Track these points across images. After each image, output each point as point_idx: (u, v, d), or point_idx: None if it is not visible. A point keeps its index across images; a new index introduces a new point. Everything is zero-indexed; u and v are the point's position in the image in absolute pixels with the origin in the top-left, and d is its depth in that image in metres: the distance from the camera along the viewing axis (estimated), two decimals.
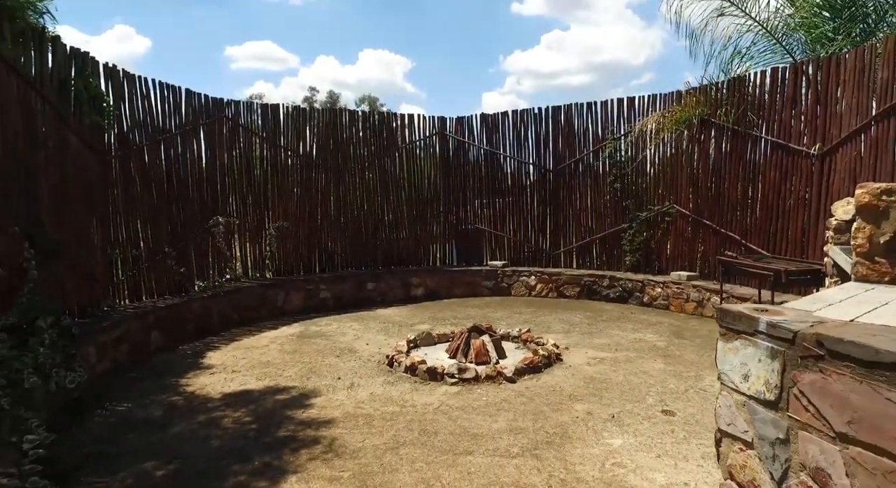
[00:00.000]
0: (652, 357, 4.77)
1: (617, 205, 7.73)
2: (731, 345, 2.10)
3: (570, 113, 8.01)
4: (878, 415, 1.55)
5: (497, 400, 3.80)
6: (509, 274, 8.32)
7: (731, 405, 2.13)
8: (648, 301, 7.09)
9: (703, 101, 6.67)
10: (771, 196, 6.07)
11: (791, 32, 7.44)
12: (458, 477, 2.72)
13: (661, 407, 3.60)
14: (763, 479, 1.97)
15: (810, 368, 1.77)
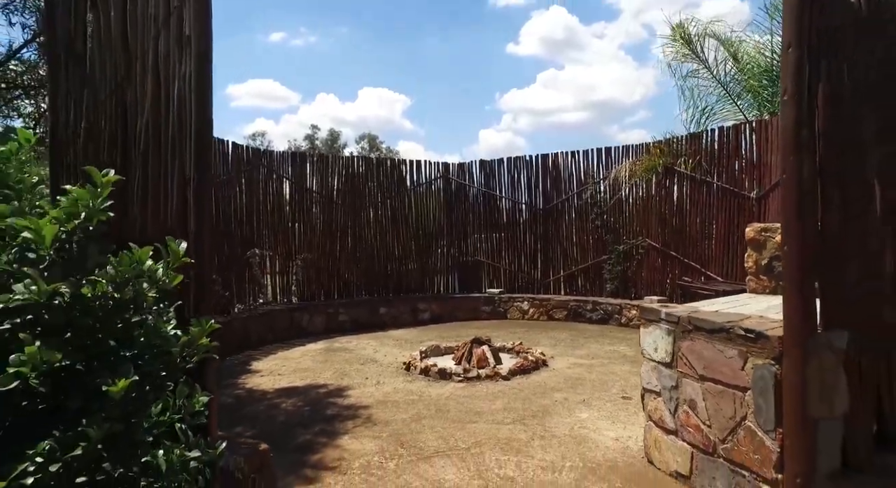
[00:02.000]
0: (621, 362, 5.83)
1: (598, 239, 8.89)
2: (647, 330, 3.21)
3: (556, 159, 9.28)
4: (715, 361, 2.65)
5: (495, 391, 4.84)
6: (505, 300, 9.39)
7: (648, 370, 3.22)
8: (626, 322, 8.15)
9: (666, 152, 7.92)
10: (723, 231, 7.25)
11: (744, 94, 8.81)
12: (466, 435, 3.76)
13: (621, 395, 4.65)
14: (666, 414, 3.05)
15: (686, 338, 2.88)
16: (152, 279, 1.71)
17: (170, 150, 2.46)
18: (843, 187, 2.44)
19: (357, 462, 3.35)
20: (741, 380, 2.52)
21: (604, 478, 3.06)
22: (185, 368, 1.78)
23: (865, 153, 2.53)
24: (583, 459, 3.32)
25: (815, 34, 2.35)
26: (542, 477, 3.09)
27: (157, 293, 1.74)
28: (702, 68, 8.74)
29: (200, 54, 2.30)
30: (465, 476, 3.13)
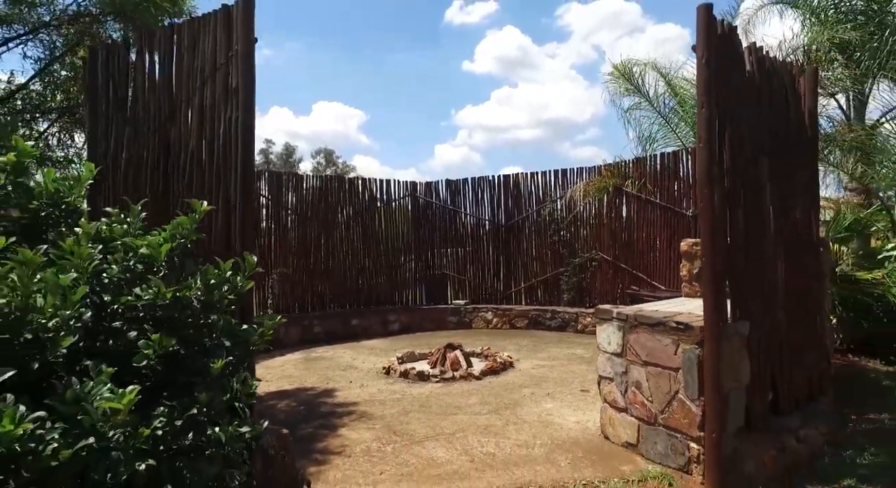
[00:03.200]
0: (578, 363, 6.54)
1: (556, 253, 9.68)
2: (602, 328, 3.89)
3: (517, 179, 10.06)
4: (655, 349, 3.35)
5: (469, 389, 5.43)
6: (470, 310, 10.02)
7: (603, 360, 3.90)
8: (582, 328, 8.93)
9: (616, 174, 8.82)
10: (665, 245, 8.16)
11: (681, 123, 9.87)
12: (449, 424, 4.32)
13: (580, 388, 5.33)
14: (618, 395, 3.72)
15: (633, 332, 3.57)
16: (231, 285, 2.23)
17: (214, 180, 2.96)
18: (745, 213, 3.21)
19: (358, 447, 3.86)
20: (674, 363, 3.22)
21: (568, 451, 3.70)
22: (252, 354, 2.30)
23: (762, 187, 3.32)
24: (550, 438, 3.95)
25: (722, 96, 3.12)
26: (518, 452, 3.70)
27: (234, 296, 2.25)
28: (643, 101, 9.75)
29: (247, 106, 2.84)
30: (453, 454, 3.69)
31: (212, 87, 3.02)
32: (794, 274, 3.66)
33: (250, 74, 2.85)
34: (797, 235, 3.76)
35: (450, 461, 3.58)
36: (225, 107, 2.94)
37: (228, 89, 2.94)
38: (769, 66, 3.75)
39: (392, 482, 3.27)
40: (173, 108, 3.16)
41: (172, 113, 3.16)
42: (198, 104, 3.06)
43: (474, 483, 3.23)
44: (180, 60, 3.16)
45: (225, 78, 2.96)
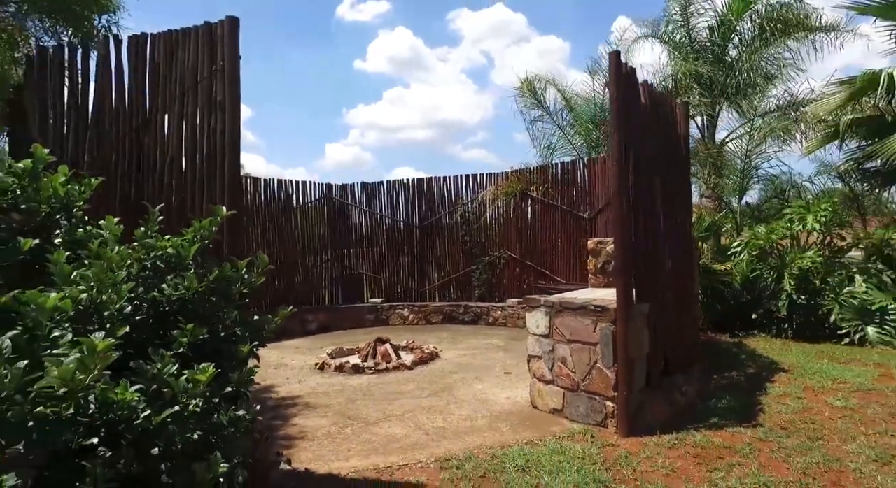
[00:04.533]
0: (496, 351, 7.28)
1: (467, 252, 10.42)
2: (531, 314, 4.58)
3: (431, 183, 10.66)
4: (577, 328, 4.09)
5: (405, 377, 5.90)
6: (387, 308, 10.44)
7: (533, 342, 4.59)
8: (493, 321, 9.75)
9: (522, 180, 9.75)
10: (566, 244, 9.22)
11: (577, 136, 11.13)
12: (396, 407, 4.77)
13: (503, 371, 6.03)
14: (546, 370, 4.43)
15: (559, 316, 4.29)
16: (244, 281, 2.52)
17: (197, 188, 3.17)
18: (644, 217, 4.06)
19: (319, 432, 4.17)
20: (593, 338, 3.98)
21: (506, 420, 4.33)
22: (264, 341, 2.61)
23: (653, 198, 4.20)
24: (489, 411, 4.57)
25: (627, 127, 3.93)
26: (465, 424, 4.26)
27: (247, 290, 2.54)
28: (545, 114, 10.87)
29: (233, 119, 3.09)
30: (408, 430, 4.16)
31: (193, 99, 3.21)
32: (677, 266, 4.63)
33: (236, 90, 3.10)
34: (679, 235, 4.75)
35: (407, 436, 4.04)
36: (209, 118, 3.15)
37: (212, 102, 3.15)
38: (656, 97, 4.69)
39: (362, 456, 3.67)
40: (148, 116, 3.28)
41: (147, 120, 3.29)
42: (178, 113, 3.22)
43: (434, 450, 3.73)
44: (155, 69, 3.29)
45: (209, 91, 3.17)
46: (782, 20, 10.44)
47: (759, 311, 7.60)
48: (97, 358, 1.45)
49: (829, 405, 4.40)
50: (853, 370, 5.45)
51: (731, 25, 10.86)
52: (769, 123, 10.07)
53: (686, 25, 11.34)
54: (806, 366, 5.66)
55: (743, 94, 10.83)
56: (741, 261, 7.93)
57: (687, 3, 11.21)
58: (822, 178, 10.22)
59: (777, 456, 3.42)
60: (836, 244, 7.89)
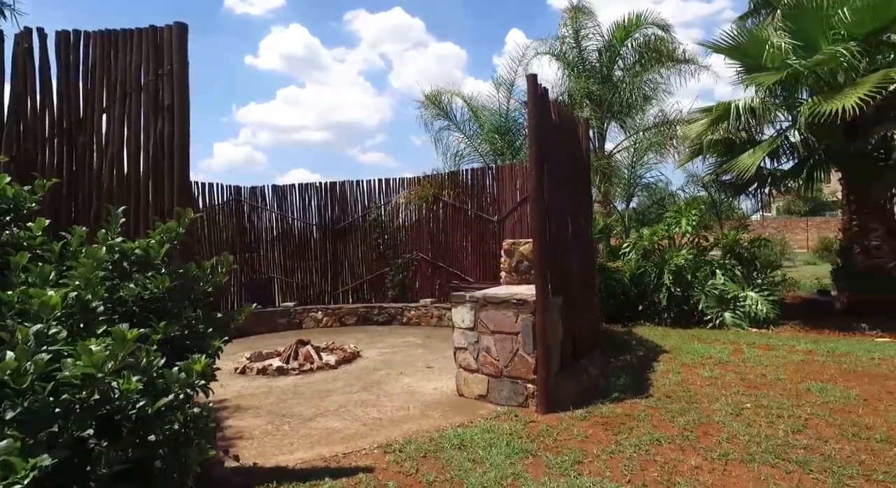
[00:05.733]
0: (416, 348, 7.62)
1: (381, 254, 10.65)
2: (457, 309, 4.98)
3: (344, 186, 10.76)
4: (501, 320, 4.55)
5: (331, 376, 6.04)
6: (300, 311, 10.35)
7: (459, 335, 4.99)
8: (407, 321, 10.07)
9: (434, 185, 10.19)
10: (476, 246, 9.80)
11: (483, 144, 11.81)
12: (330, 404, 4.93)
13: (426, 366, 6.38)
14: (471, 360, 4.85)
15: (483, 310, 4.73)
16: (209, 280, 2.63)
17: (143, 189, 3.18)
18: (557, 221, 4.63)
19: (256, 430, 4.23)
20: (515, 329, 4.47)
21: (436, 408, 4.69)
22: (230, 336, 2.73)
23: (563, 204, 4.79)
24: (419, 402, 4.90)
25: (542, 141, 4.47)
26: (399, 414, 4.55)
27: (212, 289, 2.65)
28: (451, 124, 11.43)
29: (183, 123, 3.15)
30: (346, 423, 4.36)
31: (137, 100, 3.20)
32: (582, 264, 5.29)
33: (186, 94, 3.15)
34: (583, 237, 5.42)
35: (346, 428, 4.25)
36: (155, 120, 3.17)
37: (159, 105, 3.17)
38: (564, 114, 5.33)
39: (306, 448, 3.82)
40: (83, 115, 3.21)
41: (82, 120, 3.21)
42: (119, 114, 3.19)
43: (375, 438, 3.98)
44: (91, 68, 3.23)
45: (155, 94, 3.18)
46: (656, 50, 11.95)
47: (644, 303, 8.68)
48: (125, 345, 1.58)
49: (700, 376, 5.28)
50: (716, 348, 6.52)
51: (616, 50, 12.18)
52: (649, 138, 11.46)
53: (578, 47, 12.52)
54: (682, 347, 6.65)
55: (627, 111, 12.20)
56: (630, 259, 9.01)
57: (578, 27, 12.39)
58: (690, 188, 11.83)
59: (664, 418, 4.12)
60: (702, 244, 9.23)
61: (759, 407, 4.30)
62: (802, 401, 4.43)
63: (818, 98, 7.56)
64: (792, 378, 5.16)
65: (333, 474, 3.32)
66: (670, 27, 12.00)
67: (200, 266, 2.59)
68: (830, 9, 7.48)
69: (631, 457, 3.42)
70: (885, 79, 6.74)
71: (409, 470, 3.35)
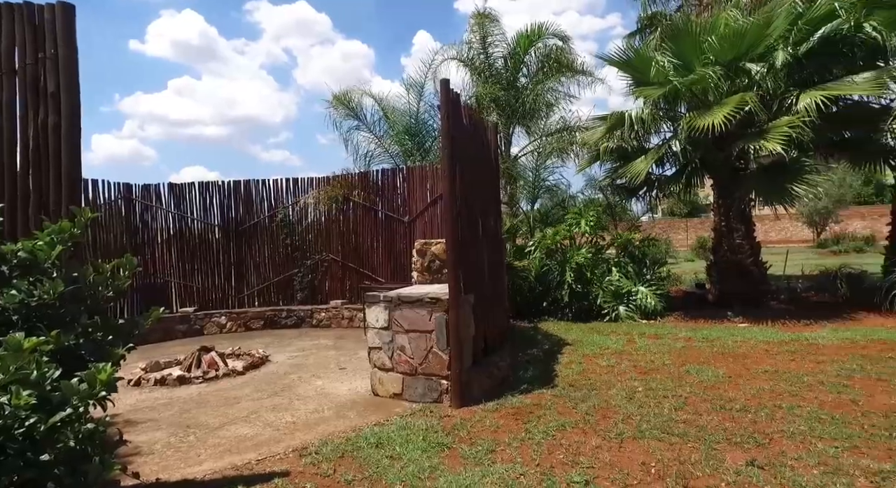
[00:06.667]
0: (327, 350, 7.49)
1: (289, 256, 10.32)
2: (371, 309, 5.00)
3: (248, 186, 10.30)
4: (415, 319, 4.64)
5: (239, 383, 5.78)
6: (201, 316, 9.75)
7: (373, 335, 5.00)
8: (317, 323, 9.85)
9: (344, 185, 10.06)
10: (387, 246, 9.82)
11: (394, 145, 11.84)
12: (239, 410, 4.73)
13: (339, 367, 6.31)
14: (386, 360, 4.89)
15: (397, 309, 4.78)
16: (109, 284, 2.45)
17: (22, 185, 2.89)
18: (467, 221, 4.80)
19: (157, 444, 3.97)
20: (429, 327, 4.58)
21: (352, 408, 4.67)
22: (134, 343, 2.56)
23: (474, 206, 4.99)
24: (334, 403, 4.85)
25: (455, 144, 4.62)
26: (314, 416, 4.48)
27: (112, 293, 2.47)
28: (361, 125, 11.36)
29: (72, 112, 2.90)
30: (258, 429, 4.22)
31: (10, 85, 2.89)
32: (492, 262, 5.52)
33: (75, 82, 2.90)
34: (492, 237, 5.66)
35: (259, 434, 4.11)
36: (36, 109, 2.88)
37: (39, 91, 2.89)
38: (475, 119, 5.53)
39: (215, 458, 3.65)
40: None
41: None
42: None
43: (289, 442, 3.89)
44: None
45: (34, 79, 2.89)
46: (557, 60, 12.69)
47: (549, 300, 9.19)
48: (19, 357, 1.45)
49: (599, 365, 5.73)
50: (612, 339, 7.09)
51: (520, 58, 12.77)
52: (552, 143, 12.13)
53: (485, 53, 12.96)
54: (583, 339, 7.15)
55: (531, 117, 12.84)
56: (535, 258, 9.49)
57: (484, 34, 12.83)
58: (589, 191, 12.67)
59: (569, 405, 4.43)
60: (599, 243, 9.95)
61: (648, 390, 4.76)
62: (683, 382, 4.97)
63: (694, 113, 8.46)
64: (675, 362, 5.75)
65: (247, 482, 3.22)
66: (569, 39, 12.82)
67: (99, 269, 2.40)
68: (702, 35, 8.42)
69: (539, 443, 3.65)
70: (742, 101, 7.71)
71: (327, 471, 3.34)
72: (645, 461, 3.31)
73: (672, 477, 3.07)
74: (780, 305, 9.19)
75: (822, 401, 4.27)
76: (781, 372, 5.18)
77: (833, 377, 4.92)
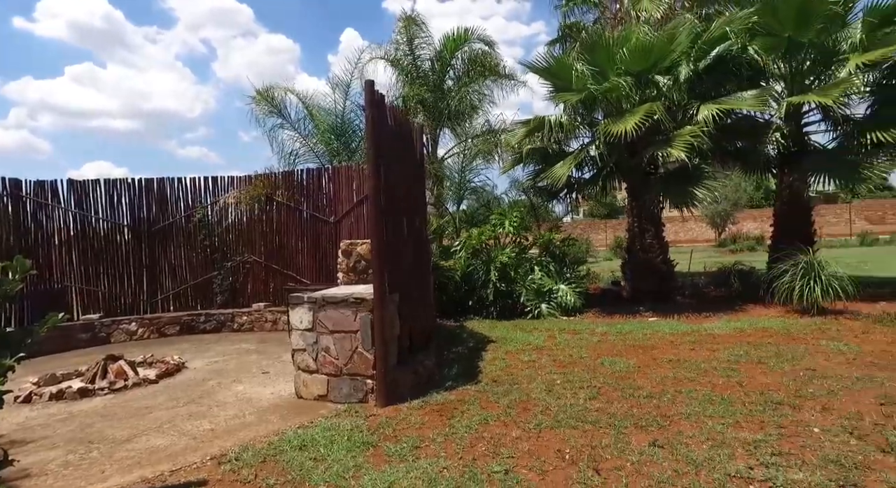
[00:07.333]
0: (249, 354, 7.24)
1: (207, 257, 9.85)
2: (295, 310, 4.91)
3: (162, 184, 9.71)
4: (340, 319, 4.62)
5: (152, 392, 5.46)
6: (108, 324, 9.06)
7: (297, 336, 4.92)
8: (238, 327, 9.47)
9: (267, 185, 9.75)
10: (312, 247, 9.63)
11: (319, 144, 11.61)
12: (150, 421, 4.48)
13: (261, 371, 6.13)
14: (310, 361, 4.82)
15: (322, 310, 4.73)
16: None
17: None
18: (393, 221, 4.84)
19: (52, 464, 3.67)
20: (354, 327, 4.57)
21: (274, 413, 4.57)
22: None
23: (400, 206, 5.03)
24: (256, 408, 4.71)
25: (379, 145, 4.64)
26: (234, 422, 4.33)
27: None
28: (286, 122, 11.07)
29: None
30: (173, 439, 4.02)
31: None
32: (417, 262, 5.59)
33: None
34: (418, 237, 5.73)
35: (173, 444, 3.92)
36: None
37: None
38: (401, 119, 5.57)
39: (123, 472, 3.44)
40: None
41: None
42: None
43: (207, 450, 3.75)
44: None
45: None
46: (482, 64, 13.02)
47: (474, 298, 9.40)
48: None
49: (521, 361, 5.97)
50: (534, 336, 7.39)
51: (447, 61, 12.98)
52: (477, 145, 12.43)
53: (412, 54, 13.04)
54: (507, 336, 7.40)
55: (457, 119, 13.08)
56: (460, 258, 9.68)
57: (412, 36, 12.91)
58: (513, 192, 13.10)
59: (492, 399, 4.59)
60: (523, 243, 10.32)
61: (566, 382, 5.02)
62: (597, 374, 5.29)
63: (609, 120, 9.00)
64: (591, 355, 6.10)
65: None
66: (494, 44, 13.20)
67: None
68: (615, 47, 8.98)
69: (463, 437, 3.76)
70: (651, 110, 8.32)
71: (248, 477, 3.25)
72: (560, 448, 3.50)
73: (584, 461, 3.29)
74: (685, 300, 9.97)
75: (714, 385, 4.72)
76: (683, 360, 5.65)
77: (724, 363, 5.43)
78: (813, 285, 7.83)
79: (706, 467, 3.11)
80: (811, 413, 3.94)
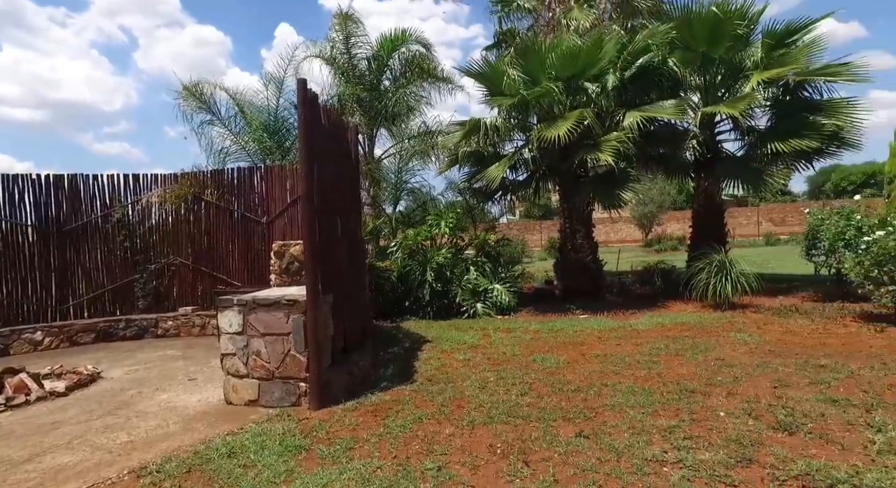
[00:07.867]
0: (175, 361, 6.89)
1: (128, 259, 9.27)
2: (224, 313, 4.73)
3: (76, 181, 9.03)
4: (271, 322, 4.50)
5: (60, 406, 5.08)
6: (6, 334, 8.28)
7: (226, 340, 4.74)
8: (162, 333, 8.97)
9: (195, 183, 9.30)
10: (244, 249, 9.29)
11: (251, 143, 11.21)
12: (57, 438, 4.16)
13: (188, 378, 5.85)
14: (240, 366, 4.66)
15: (252, 313, 4.59)
16: None
17: None
18: (326, 221, 4.78)
19: None
20: (286, 329, 4.47)
21: (202, 420, 4.38)
22: None
23: (334, 206, 4.98)
24: (181, 416, 4.50)
25: (312, 145, 4.57)
26: (156, 433, 4.12)
27: None
28: (216, 119, 10.62)
29: None
30: (85, 454, 3.76)
31: None
32: (352, 263, 5.54)
33: None
34: (352, 237, 5.68)
35: (83, 460, 3.66)
36: None
37: None
38: (334, 119, 5.51)
39: None
40: None
41: None
42: None
43: (125, 464, 3.54)
44: None
45: None
46: (419, 66, 13.07)
47: (411, 299, 9.42)
48: None
49: (456, 359, 6.06)
50: (469, 335, 7.51)
51: (384, 61, 12.92)
52: (414, 146, 12.45)
53: (349, 53, 12.89)
54: (442, 336, 7.47)
55: (394, 119, 13.05)
56: (397, 258, 9.68)
57: (348, 34, 12.76)
58: (449, 193, 13.22)
59: (426, 398, 4.63)
60: (459, 244, 10.45)
61: (499, 379, 5.15)
62: (529, 370, 5.46)
63: (543, 125, 9.31)
64: (524, 353, 6.29)
65: None
66: (432, 46, 13.27)
67: None
68: (546, 53, 9.31)
69: (397, 436, 3.78)
70: (581, 116, 8.71)
71: None
72: (492, 443, 3.60)
73: (514, 454, 3.39)
74: (613, 298, 10.47)
75: (637, 377, 5.01)
76: (609, 355, 5.94)
77: (646, 356, 5.77)
78: (724, 282, 8.48)
79: (626, 453, 3.30)
80: (718, 398, 4.27)
